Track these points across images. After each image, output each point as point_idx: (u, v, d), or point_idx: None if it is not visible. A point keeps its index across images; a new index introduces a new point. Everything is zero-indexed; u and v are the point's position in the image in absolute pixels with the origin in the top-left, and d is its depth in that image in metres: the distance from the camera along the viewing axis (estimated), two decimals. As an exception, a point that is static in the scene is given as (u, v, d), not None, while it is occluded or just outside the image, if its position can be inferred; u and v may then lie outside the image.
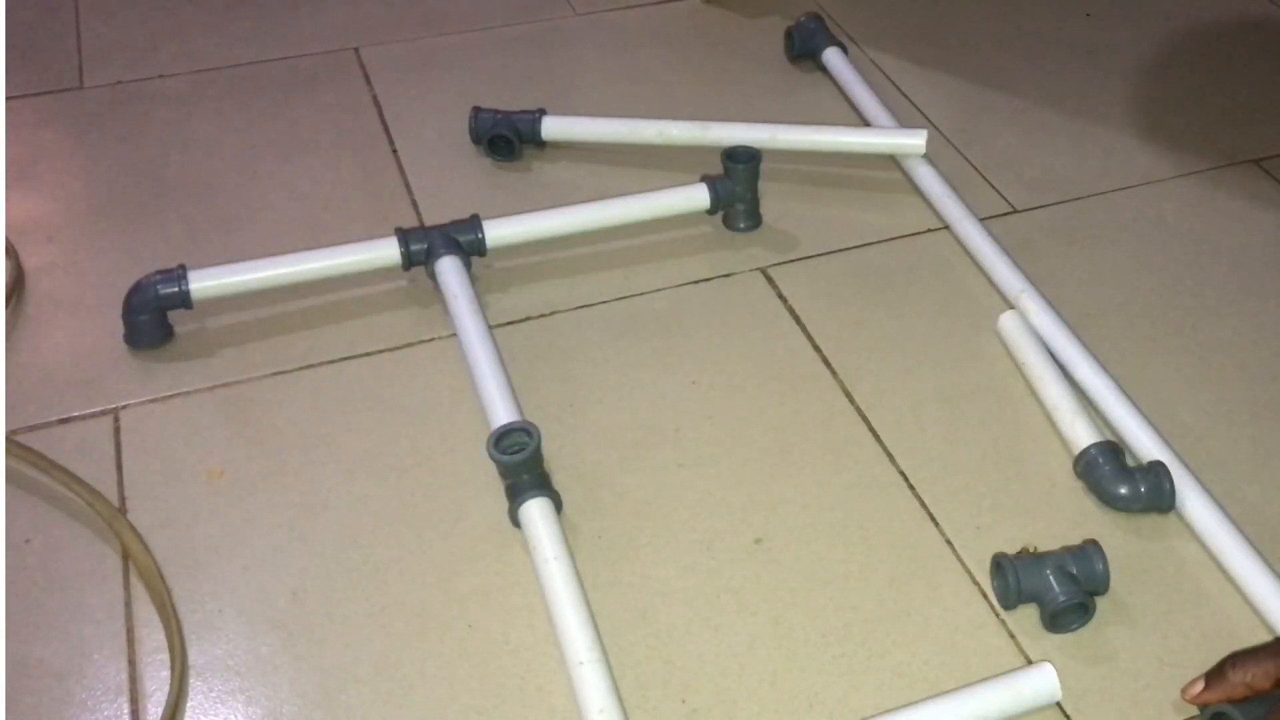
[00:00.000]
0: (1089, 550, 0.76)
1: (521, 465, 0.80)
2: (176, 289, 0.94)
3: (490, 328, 0.93)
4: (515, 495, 0.81)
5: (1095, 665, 0.74)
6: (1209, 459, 0.86)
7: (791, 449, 0.88)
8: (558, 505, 0.82)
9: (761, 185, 1.06)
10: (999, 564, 0.77)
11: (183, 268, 0.95)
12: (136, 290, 0.94)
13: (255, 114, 1.21)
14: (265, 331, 0.97)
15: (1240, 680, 0.66)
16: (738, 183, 1.05)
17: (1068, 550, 0.76)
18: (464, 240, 0.99)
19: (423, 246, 0.98)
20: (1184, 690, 0.68)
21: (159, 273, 0.94)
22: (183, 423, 0.90)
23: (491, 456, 0.81)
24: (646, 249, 1.05)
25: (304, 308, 0.99)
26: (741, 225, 1.07)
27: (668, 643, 0.76)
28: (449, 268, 0.97)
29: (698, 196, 1.05)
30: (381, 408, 0.91)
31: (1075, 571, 0.75)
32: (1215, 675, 0.67)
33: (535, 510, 0.80)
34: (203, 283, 0.95)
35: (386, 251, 0.98)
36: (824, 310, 0.99)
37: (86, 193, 1.12)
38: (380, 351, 0.95)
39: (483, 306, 0.95)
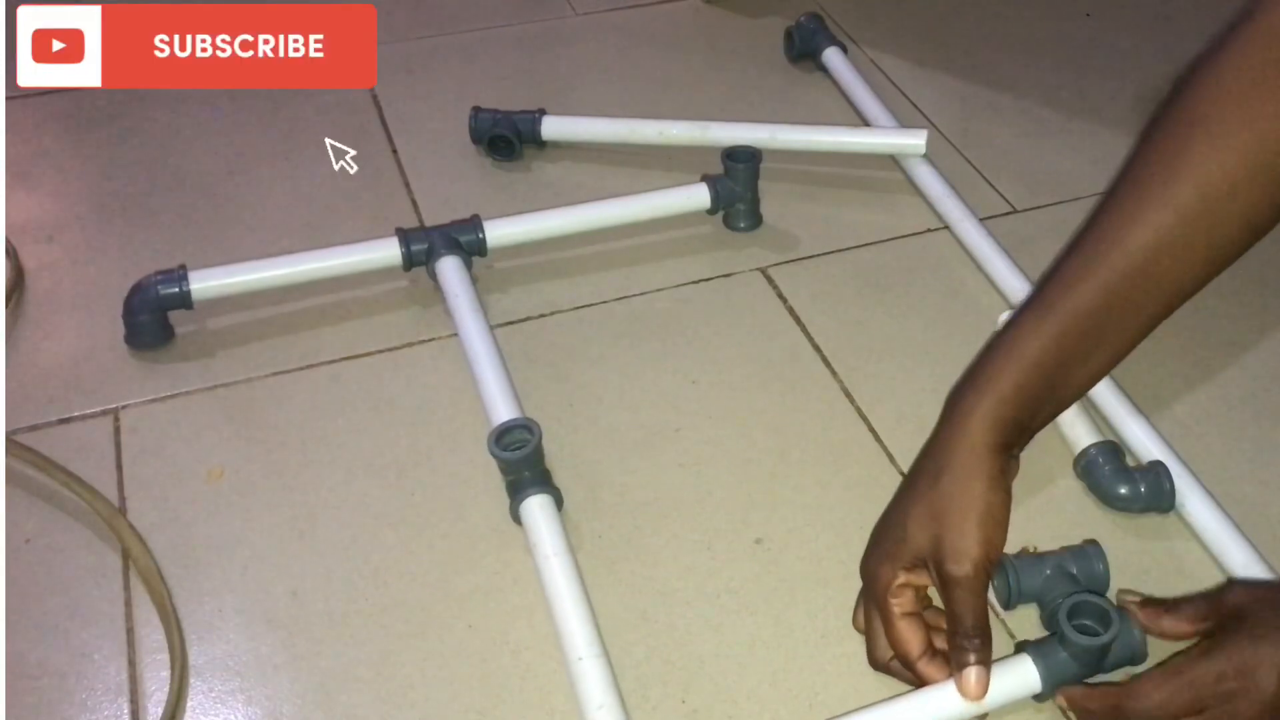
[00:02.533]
0: (1089, 550, 0.76)
1: (522, 462, 0.80)
2: (177, 289, 0.94)
3: (491, 327, 0.93)
4: (516, 492, 0.81)
5: (1095, 665, 0.74)
6: (1209, 459, 0.86)
7: (791, 449, 0.88)
8: (558, 502, 0.82)
9: (761, 185, 1.06)
10: (999, 563, 0.77)
11: (183, 268, 0.95)
12: (137, 290, 0.94)
13: (255, 114, 1.21)
14: (265, 332, 0.97)
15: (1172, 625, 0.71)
16: (738, 182, 1.05)
17: (1068, 550, 0.76)
18: (464, 240, 0.99)
19: (423, 247, 0.98)
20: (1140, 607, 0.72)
21: (159, 273, 0.94)
22: (183, 423, 0.90)
23: (493, 453, 0.81)
24: (646, 249, 1.05)
25: (305, 308, 0.99)
26: (742, 225, 1.07)
27: (668, 643, 0.76)
28: (450, 267, 0.97)
29: (698, 196, 1.05)
30: (382, 407, 0.91)
31: (1075, 571, 0.75)
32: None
33: (536, 506, 0.80)
34: (203, 283, 0.95)
35: (387, 252, 0.98)
36: (824, 310, 0.99)
37: (86, 193, 1.12)
38: (381, 351, 0.95)
39: (483, 306, 0.95)
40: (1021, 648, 0.71)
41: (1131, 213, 0.67)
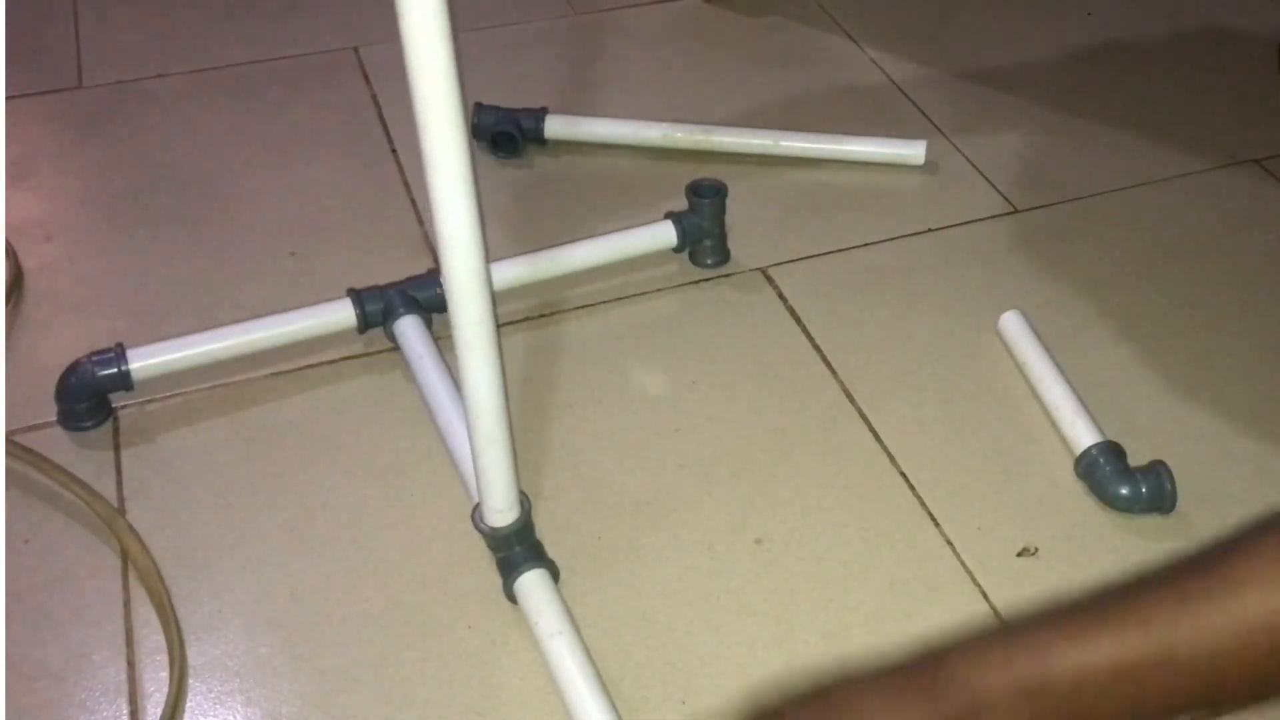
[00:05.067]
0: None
1: (513, 536, 0.76)
2: (115, 370, 0.88)
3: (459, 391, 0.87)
4: (508, 570, 0.76)
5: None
6: (1209, 459, 0.86)
7: (791, 449, 0.88)
8: (554, 575, 0.77)
9: (763, 184, 1.06)
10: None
11: (120, 346, 0.89)
12: (73, 372, 0.88)
13: (255, 114, 1.21)
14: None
15: None
16: (704, 218, 1.01)
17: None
18: (422, 297, 0.94)
19: (379, 307, 0.93)
20: None
21: (95, 354, 0.89)
22: (183, 423, 0.90)
23: (478, 528, 0.76)
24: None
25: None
26: (709, 261, 1.03)
27: (668, 643, 0.75)
28: (409, 327, 0.92)
29: (664, 235, 1.02)
30: (381, 407, 0.91)
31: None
32: None
33: (533, 583, 0.75)
34: (143, 361, 0.89)
35: (340, 314, 0.93)
36: (824, 310, 0.99)
37: (86, 193, 1.11)
38: (379, 352, 0.95)
39: (449, 367, 0.91)
40: None
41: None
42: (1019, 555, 0.79)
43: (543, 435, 0.89)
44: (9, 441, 0.86)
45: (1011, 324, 0.95)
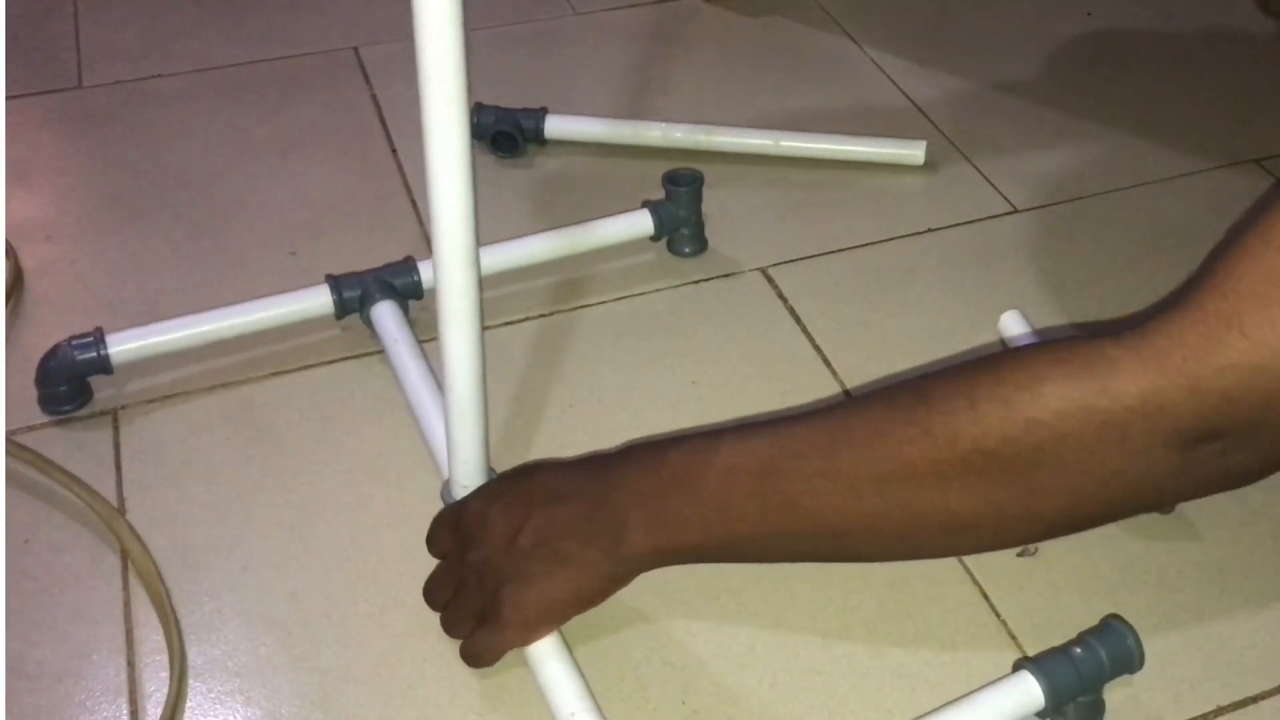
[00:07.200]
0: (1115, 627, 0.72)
1: None
2: (95, 354, 0.89)
3: (435, 378, 0.88)
4: None
5: (1096, 666, 0.74)
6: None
7: (792, 449, 0.88)
8: None
9: (763, 183, 1.06)
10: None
11: (100, 330, 0.90)
12: (53, 356, 0.89)
13: (255, 114, 1.21)
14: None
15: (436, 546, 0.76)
16: (681, 206, 1.02)
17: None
18: (399, 284, 0.95)
19: (356, 294, 0.94)
20: None
21: (74, 338, 0.90)
22: (183, 423, 0.90)
23: (446, 505, 0.78)
24: (645, 248, 1.05)
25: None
26: (687, 250, 1.04)
27: (667, 644, 0.75)
28: (385, 313, 0.93)
29: (641, 223, 1.02)
30: (381, 407, 0.91)
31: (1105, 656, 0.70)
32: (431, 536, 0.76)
33: None
34: (122, 345, 0.90)
35: (318, 300, 0.94)
36: (824, 310, 0.99)
37: (86, 193, 1.11)
38: (378, 352, 0.95)
39: (425, 354, 0.91)
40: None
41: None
42: (1019, 555, 0.79)
43: (542, 435, 0.89)
44: (9, 441, 0.86)
45: (1011, 324, 0.95)
